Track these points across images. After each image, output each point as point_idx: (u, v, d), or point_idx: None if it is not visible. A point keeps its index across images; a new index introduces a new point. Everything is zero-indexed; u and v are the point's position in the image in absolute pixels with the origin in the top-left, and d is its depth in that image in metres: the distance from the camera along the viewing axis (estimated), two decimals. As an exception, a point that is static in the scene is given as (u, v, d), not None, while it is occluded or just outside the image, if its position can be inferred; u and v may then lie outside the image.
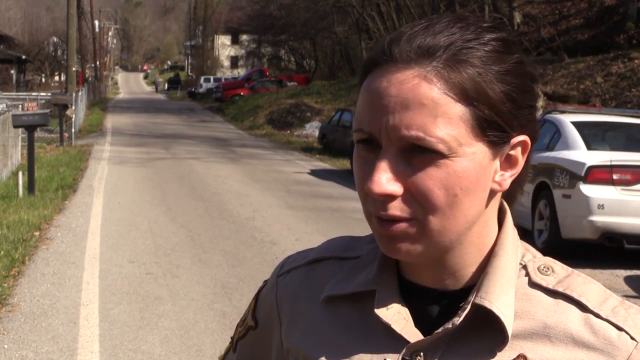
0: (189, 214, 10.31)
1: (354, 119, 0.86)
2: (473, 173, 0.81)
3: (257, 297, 1.03)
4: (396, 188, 0.80)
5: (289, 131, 28.17)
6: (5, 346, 5.20)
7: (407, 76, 0.80)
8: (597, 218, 7.51)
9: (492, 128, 0.81)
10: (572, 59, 21.71)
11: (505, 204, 0.90)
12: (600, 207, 7.50)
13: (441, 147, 0.79)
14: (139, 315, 5.81)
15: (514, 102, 0.82)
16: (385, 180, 0.80)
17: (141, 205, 10.97)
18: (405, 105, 0.79)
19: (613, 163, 7.62)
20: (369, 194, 0.81)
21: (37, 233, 8.77)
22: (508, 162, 0.85)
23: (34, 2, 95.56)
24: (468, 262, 0.87)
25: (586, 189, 7.57)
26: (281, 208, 11.00)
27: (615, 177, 7.57)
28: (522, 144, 0.85)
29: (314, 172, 16.09)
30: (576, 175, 7.67)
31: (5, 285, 6.61)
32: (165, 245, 8.28)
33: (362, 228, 0.86)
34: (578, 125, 8.55)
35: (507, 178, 0.85)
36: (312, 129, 26.68)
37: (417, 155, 0.80)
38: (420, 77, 0.80)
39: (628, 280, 7.26)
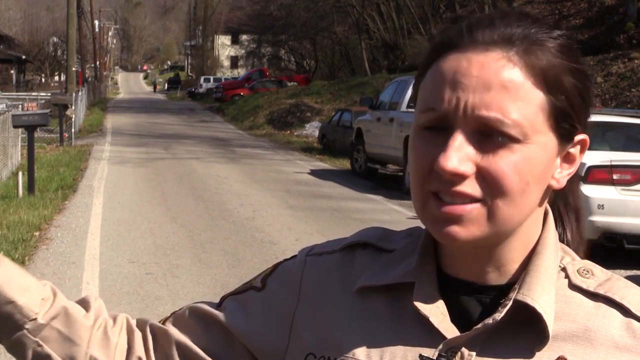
0: (189, 214, 10.31)
1: (420, 101, 0.84)
2: (544, 163, 0.81)
3: (276, 265, 1.00)
4: (468, 168, 0.79)
5: (289, 131, 28.16)
6: (5, 346, 5.20)
7: (491, 58, 0.80)
8: (597, 218, 7.51)
9: (565, 120, 0.82)
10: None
11: (546, 204, 0.90)
12: (600, 207, 7.50)
13: (517, 131, 0.79)
14: (139, 315, 5.80)
15: (583, 99, 0.84)
16: (457, 159, 0.79)
17: (141, 205, 10.97)
18: (487, 85, 0.79)
19: (613, 163, 7.62)
20: (440, 171, 0.79)
21: (37, 233, 8.77)
22: (567, 160, 0.85)
23: (34, 2, 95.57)
24: (514, 257, 0.86)
25: (586, 189, 7.56)
26: (281, 208, 11.00)
27: (615, 177, 7.57)
28: (582, 142, 0.86)
29: (314, 172, 16.09)
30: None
31: (5, 285, 6.61)
32: (165, 245, 8.28)
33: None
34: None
35: (565, 176, 0.85)
36: (312, 129, 26.67)
37: (491, 137, 0.79)
38: (504, 58, 0.80)
39: (628, 280, 7.25)
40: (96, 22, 67.35)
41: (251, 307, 0.98)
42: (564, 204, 0.94)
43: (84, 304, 1.00)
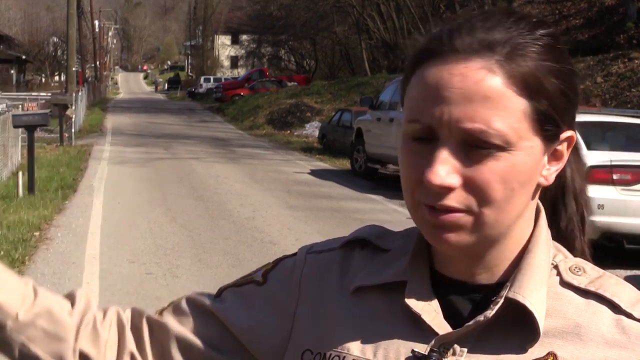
0: (189, 214, 10.31)
1: (406, 109, 0.85)
2: (529, 167, 0.82)
3: (277, 261, 1.00)
4: (455, 180, 0.80)
5: (289, 131, 28.17)
6: (5, 346, 5.20)
7: (471, 68, 0.80)
8: (597, 218, 7.51)
9: (549, 122, 0.83)
10: (572, 59, 21.67)
11: (539, 202, 0.91)
12: (600, 207, 7.50)
13: (501, 140, 0.79)
14: (139, 315, 5.80)
15: (567, 97, 0.84)
16: (444, 172, 0.80)
17: (141, 205, 10.97)
18: (469, 97, 0.79)
19: (613, 163, 7.62)
20: (428, 185, 0.80)
21: (37, 233, 8.77)
22: (554, 157, 0.86)
23: (34, 2, 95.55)
24: (506, 257, 0.87)
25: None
26: (281, 208, 11.00)
27: (615, 177, 7.58)
28: (569, 139, 0.86)
29: (314, 172, 16.09)
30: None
31: (5, 285, 6.61)
32: (165, 245, 8.28)
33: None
34: (578, 125, 8.49)
35: (552, 172, 0.86)
36: (312, 129, 26.68)
37: (477, 148, 0.80)
38: (485, 69, 0.80)
39: (628, 280, 7.21)
40: (96, 22, 67.36)
41: (252, 302, 0.98)
42: (566, 208, 0.95)
43: (71, 298, 0.99)
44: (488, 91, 0.79)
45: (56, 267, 7.27)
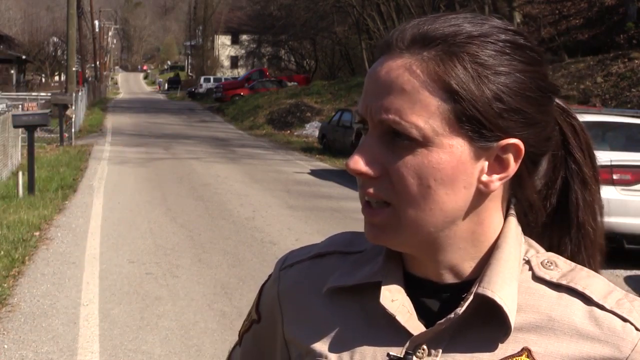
0: (189, 214, 10.31)
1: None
2: (449, 166, 0.82)
3: (261, 291, 1.03)
4: (372, 169, 0.83)
5: (289, 131, 28.16)
6: (5, 346, 5.20)
7: (397, 63, 0.83)
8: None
9: (470, 123, 0.82)
10: (572, 59, 21.71)
11: (508, 199, 0.90)
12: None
13: (415, 133, 0.81)
14: (139, 315, 5.81)
15: (503, 102, 0.82)
16: (363, 160, 0.83)
17: (141, 205, 10.97)
18: (388, 89, 0.82)
19: (613, 163, 7.62)
20: (348, 171, 0.84)
21: (37, 233, 8.77)
22: (498, 165, 0.85)
23: (34, 2, 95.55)
24: (464, 257, 0.87)
25: (586, 189, 7.56)
26: (281, 208, 11.00)
27: (615, 177, 7.57)
28: (514, 147, 0.84)
29: (314, 172, 16.09)
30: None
31: (5, 285, 6.61)
32: (165, 245, 8.28)
33: (362, 228, 0.86)
34: (578, 125, 8.54)
35: (494, 180, 0.85)
36: (312, 129, 26.67)
37: (397, 141, 0.82)
38: (406, 64, 0.82)
39: (628, 280, 7.26)
40: (96, 22, 67.33)
41: (259, 343, 1.03)
42: (572, 241, 0.93)
43: None
44: (405, 84, 0.81)
45: (56, 267, 7.27)
